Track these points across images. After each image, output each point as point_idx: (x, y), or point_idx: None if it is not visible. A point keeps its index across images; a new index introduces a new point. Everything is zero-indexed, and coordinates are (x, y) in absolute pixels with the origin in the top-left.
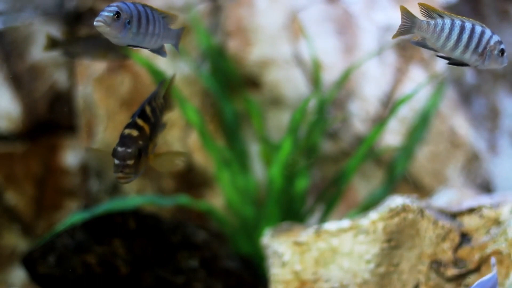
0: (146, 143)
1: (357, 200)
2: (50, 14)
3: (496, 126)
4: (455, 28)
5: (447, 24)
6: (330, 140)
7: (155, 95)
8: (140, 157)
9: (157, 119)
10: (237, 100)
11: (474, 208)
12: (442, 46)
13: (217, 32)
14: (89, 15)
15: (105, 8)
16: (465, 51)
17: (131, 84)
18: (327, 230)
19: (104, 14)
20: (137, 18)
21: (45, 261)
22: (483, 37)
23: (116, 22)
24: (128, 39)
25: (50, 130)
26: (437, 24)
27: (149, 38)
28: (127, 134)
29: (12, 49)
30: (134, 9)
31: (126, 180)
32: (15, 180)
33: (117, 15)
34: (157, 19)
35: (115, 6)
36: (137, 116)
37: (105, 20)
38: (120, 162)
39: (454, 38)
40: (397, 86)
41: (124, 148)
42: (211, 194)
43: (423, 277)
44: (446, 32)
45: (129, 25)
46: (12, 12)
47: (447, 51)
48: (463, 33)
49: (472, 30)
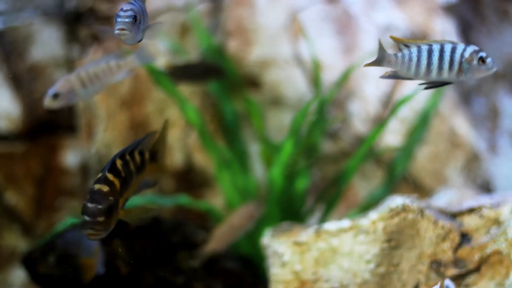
0: (116, 199)
1: (357, 200)
2: (50, 14)
3: (496, 126)
4: (423, 54)
5: (413, 53)
6: (330, 140)
7: (129, 149)
8: (111, 214)
9: (130, 174)
10: (237, 100)
11: (474, 208)
12: (415, 73)
13: (217, 32)
14: (89, 15)
15: (120, 13)
16: (440, 72)
17: (131, 84)
18: (327, 230)
19: (125, 21)
20: (141, 15)
21: (45, 261)
22: (455, 53)
23: (134, 26)
24: (138, 38)
25: (50, 130)
26: (404, 55)
27: (141, 28)
28: (96, 190)
29: (12, 49)
30: (139, 6)
31: (96, 237)
32: (15, 180)
33: (135, 18)
34: (145, 10)
35: (130, 10)
36: (107, 170)
37: (128, 27)
38: (90, 219)
39: (423, 63)
40: (397, 86)
41: (95, 205)
42: (211, 194)
43: (423, 277)
44: (414, 60)
45: (140, 24)
46: (12, 12)
47: (423, 77)
48: (431, 56)
49: (441, 50)
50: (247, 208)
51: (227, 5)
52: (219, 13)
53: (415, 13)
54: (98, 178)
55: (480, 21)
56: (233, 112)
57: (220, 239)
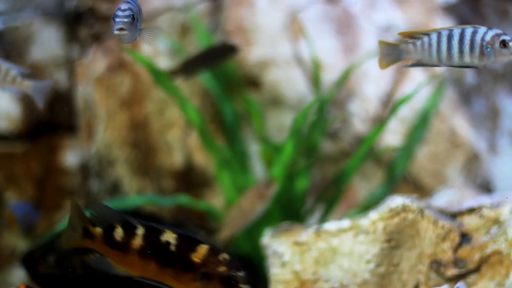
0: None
1: (357, 200)
2: (50, 14)
3: (496, 126)
4: (442, 39)
5: (433, 39)
6: (330, 140)
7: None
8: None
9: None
10: (237, 100)
11: (474, 208)
12: (438, 59)
13: (217, 32)
14: (89, 15)
15: (119, 13)
16: (462, 56)
17: (131, 84)
18: (327, 230)
19: (124, 21)
20: (138, 14)
21: (45, 261)
22: (475, 37)
23: (133, 25)
24: (135, 37)
25: (50, 130)
26: (423, 42)
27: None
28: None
29: (12, 49)
30: (135, 5)
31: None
32: (15, 180)
33: (133, 17)
34: (140, 9)
35: (128, 9)
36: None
37: (127, 27)
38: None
39: (444, 48)
40: (397, 86)
41: None
42: (211, 194)
43: (423, 277)
44: (434, 45)
45: (137, 23)
46: (12, 12)
47: (445, 62)
48: (451, 40)
49: (462, 34)
50: (257, 188)
51: (227, 5)
52: (219, 13)
53: (415, 13)
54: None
55: (480, 21)
56: (233, 112)
57: (233, 224)
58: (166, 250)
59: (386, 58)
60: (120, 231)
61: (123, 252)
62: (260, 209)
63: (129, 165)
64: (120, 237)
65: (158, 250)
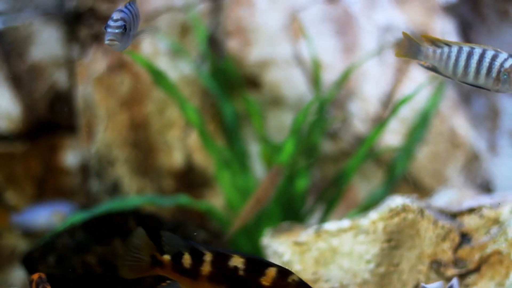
0: None
1: (357, 200)
2: (50, 14)
3: (496, 126)
4: (462, 55)
5: (453, 52)
6: (330, 140)
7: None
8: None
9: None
10: (237, 100)
11: (474, 208)
12: (453, 73)
13: (217, 32)
14: (89, 15)
15: (110, 23)
16: (478, 77)
17: (131, 84)
18: (327, 230)
19: (115, 32)
20: (132, 22)
21: (45, 261)
22: (495, 61)
23: (124, 36)
24: (128, 45)
25: (50, 130)
26: (443, 52)
27: (132, 34)
28: None
29: (12, 49)
30: (129, 13)
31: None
32: (15, 180)
33: (124, 28)
34: (136, 14)
35: (120, 19)
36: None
37: (117, 38)
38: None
39: (461, 64)
40: (397, 86)
41: None
42: (211, 194)
43: (423, 277)
44: (453, 58)
45: (130, 31)
46: (12, 12)
47: (460, 78)
48: (470, 58)
49: (482, 54)
50: (268, 176)
51: (227, 5)
52: (219, 13)
53: (415, 13)
54: None
55: (480, 21)
56: (233, 112)
57: (245, 213)
58: (235, 275)
59: (404, 50)
60: (188, 258)
61: (194, 279)
62: (273, 193)
63: (129, 165)
64: (188, 264)
65: (228, 275)
